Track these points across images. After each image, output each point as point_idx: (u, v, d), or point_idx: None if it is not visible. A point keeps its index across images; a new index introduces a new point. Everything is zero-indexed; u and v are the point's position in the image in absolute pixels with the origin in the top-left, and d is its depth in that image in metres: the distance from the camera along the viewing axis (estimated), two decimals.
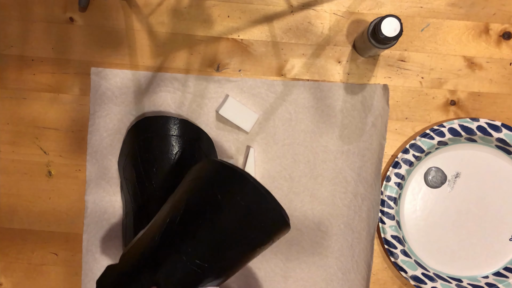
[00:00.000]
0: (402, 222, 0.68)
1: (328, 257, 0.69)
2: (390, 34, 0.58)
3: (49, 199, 0.68)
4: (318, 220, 0.69)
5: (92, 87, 0.67)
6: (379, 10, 0.68)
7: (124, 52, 0.68)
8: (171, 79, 0.68)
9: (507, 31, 0.68)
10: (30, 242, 0.68)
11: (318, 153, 0.69)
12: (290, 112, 0.68)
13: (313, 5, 0.68)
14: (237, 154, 0.68)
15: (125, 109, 0.68)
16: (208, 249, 0.52)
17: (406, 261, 0.66)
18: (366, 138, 0.68)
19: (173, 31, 0.68)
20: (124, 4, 0.68)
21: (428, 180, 0.67)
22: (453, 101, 0.68)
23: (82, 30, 0.68)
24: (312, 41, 0.68)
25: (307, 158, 0.68)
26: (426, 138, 0.66)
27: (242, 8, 0.68)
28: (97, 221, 0.68)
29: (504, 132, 0.66)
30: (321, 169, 0.68)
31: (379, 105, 0.68)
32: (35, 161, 0.68)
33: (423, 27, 0.68)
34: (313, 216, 0.69)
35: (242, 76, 0.68)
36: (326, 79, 0.68)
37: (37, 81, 0.68)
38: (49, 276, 0.68)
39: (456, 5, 0.68)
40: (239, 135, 0.68)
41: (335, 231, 0.69)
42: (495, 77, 0.68)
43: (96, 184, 0.68)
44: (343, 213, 0.68)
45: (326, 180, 0.68)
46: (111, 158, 0.68)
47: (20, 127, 0.68)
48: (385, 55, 0.68)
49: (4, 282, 0.68)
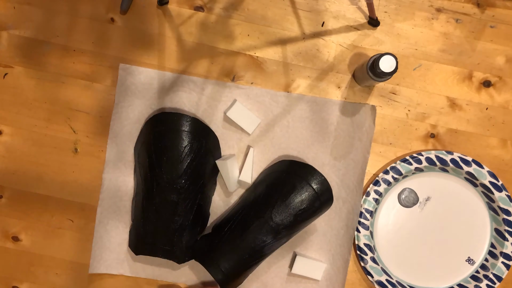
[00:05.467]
0: (375, 233, 0.76)
1: (308, 249, 0.75)
2: (386, 69, 0.64)
3: (72, 172, 0.76)
4: None
5: (119, 80, 0.75)
6: (379, 47, 0.77)
7: (154, 54, 0.76)
8: (188, 81, 0.75)
9: (488, 80, 0.76)
10: (51, 207, 0.76)
11: (309, 158, 0.75)
12: (288, 120, 0.76)
13: (323, 35, 0.77)
14: (239, 152, 0.76)
15: (145, 102, 0.75)
16: (283, 215, 0.68)
17: (374, 267, 0.74)
18: (352, 150, 0.75)
19: (199, 41, 0.77)
20: (160, 12, 0.77)
21: (401, 199, 0.76)
22: (433, 134, 0.77)
23: (120, 30, 0.76)
24: (318, 66, 0.77)
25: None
26: (405, 163, 0.74)
27: (261, 29, 0.77)
28: (111, 197, 0.75)
29: (474, 167, 0.74)
30: None
31: (367, 122, 0.75)
32: (64, 138, 0.76)
33: (416, 66, 0.77)
34: None
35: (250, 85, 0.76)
36: None
37: (75, 69, 0.76)
38: (64, 239, 0.76)
39: (447, 51, 0.77)
40: (242, 136, 0.76)
41: (317, 227, 0.75)
42: (472, 119, 0.77)
43: (113, 165, 0.75)
44: (325, 213, 0.75)
45: None
46: (128, 144, 0.75)
47: (56, 107, 0.76)
48: (379, 87, 0.76)
49: (24, 238, 0.77)
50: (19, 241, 0.77)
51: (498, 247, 0.75)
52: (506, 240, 0.74)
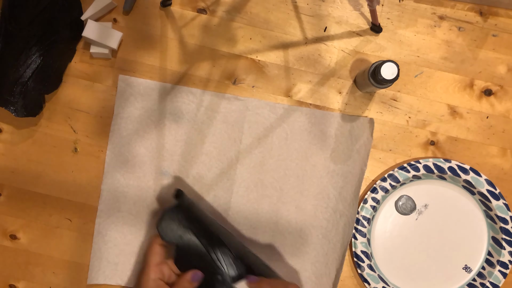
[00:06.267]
0: (372, 240, 0.77)
1: (305, 262, 0.75)
2: (387, 77, 0.64)
3: (71, 171, 0.77)
4: (300, 228, 0.75)
5: (118, 91, 0.75)
6: (381, 53, 0.77)
7: (156, 55, 0.77)
8: (187, 92, 0.75)
9: (489, 89, 0.77)
10: (49, 206, 0.76)
11: (307, 170, 0.75)
12: (286, 132, 0.76)
13: (325, 40, 0.77)
14: (234, 160, 0.77)
15: (144, 114, 0.75)
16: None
17: (371, 274, 0.75)
18: (350, 163, 0.75)
19: (201, 43, 0.77)
20: (162, 14, 0.77)
21: (398, 206, 0.76)
22: (432, 141, 0.77)
23: (123, 30, 0.76)
24: (319, 71, 0.77)
25: (296, 173, 0.75)
26: (403, 170, 0.75)
27: (264, 33, 0.77)
28: (109, 208, 0.75)
29: (471, 175, 0.74)
30: (308, 184, 0.75)
31: (365, 135, 0.75)
32: (64, 137, 0.77)
33: (417, 73, 0.77)
34: (296, 224, 0.75)
35: (254, 92, 0.76)
36: (326, 106, 0.76)
37: (77, 68, 0.77)
38: (62, 238, 0.76)
39: (448, 59, 0.77)
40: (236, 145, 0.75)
41: (314, 240, 0.75)
42: (473, 127, 0.77)
43: (111, 176, 0.75)
44: (322, 225, 0.75)
45: (311, 195, 0.75)
46: (127, 155, 0.75)
47: (56, 106, 0.76)
48: (380, 93, 0.77)
49: (22, 237, 0.77)
50: (17, 239, 0.77)
51: (495, 255, 0.75)
52: (503, 249, 0.74)
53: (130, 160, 0.76)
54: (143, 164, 0.76)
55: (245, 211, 0.76)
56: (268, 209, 0.75)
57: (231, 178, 0.76)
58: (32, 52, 0.72)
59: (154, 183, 0.76)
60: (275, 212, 0.76)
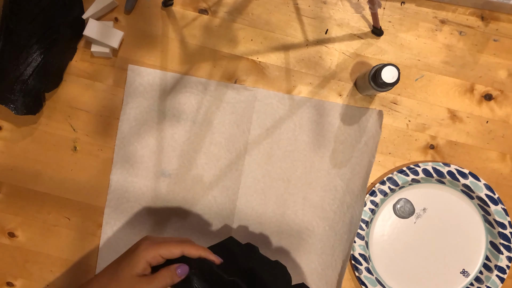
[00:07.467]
0: (370, 243, 0.77)
1: (311, 253, 0.76)
2: (388, 80, 0.65)
3: (70, 170, 0.77)
4: (307, 220, 0.76)
5: (127, 81, 0.76)
6: (382, 56, 0.77)
7: (157, 54, 0.77)
8: (196, 82, 0.76)
9: (489, 93, 0.77)
10: (48, 204, 0.77)
11: (314, 162, 0.76)
12: (295, 123, 0.76)
13: (326, 43, 0.77)
14: (242, 150, 0.77)
15: (153, 103, 0.76)
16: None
17: (368, 277, 0.75)
18: (358, 154, 0.75)
19: (202, 44, 0.77)
20: (164, 14, 0.77)
21: (397, 209, 0.76)
22: (432, 145, 0.77)
23: (124, 30, 0.76)
24: (320, 73, 0.77)
25: (304, 165, 0.76)
26: (402, 174, 0.75)
27: (265, 35, 0.77)
28: (118, 197, 0.75)
29: (470, 179, 0.74)
30: (315, 176, 0.75)
31: (373, 127, 0.75)
32: (64, 135, 0.77)
33: (418, 77, 0.77)
34: (303, 216, 0.76)
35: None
36: None
37: (78, 67, 0.77)
38: (60, 236, 0.77)
39: (449, 63, 0.77)
40: (244, 136, 0.75)
41: (321, 231, 0.76)
42: (472, 131, 0.77)
43: (121, 166, 0.75)
44: (329, 217, 0.76)
45: (318, 186, 0.75)
46: (136, 144, 0.76)
47: (57, 104, 0.76)
48: (380, 96, 0.77)
49: (20, 235, 0.77)
50: (15, 237, 0.77)
51: (493, 260, 0.75)
52: (501, 254, 0.74)
53: (139, 150, 0.76)
54: (153, 154, 0.76)
55: (253, 201, 0.76)
56: (275, 200, 0.76)
57: (239, 168, 0.76)
58: (33, 50, 0.72)
59: (161, 173, 0.76)
60: (282, 203, 0.76)
